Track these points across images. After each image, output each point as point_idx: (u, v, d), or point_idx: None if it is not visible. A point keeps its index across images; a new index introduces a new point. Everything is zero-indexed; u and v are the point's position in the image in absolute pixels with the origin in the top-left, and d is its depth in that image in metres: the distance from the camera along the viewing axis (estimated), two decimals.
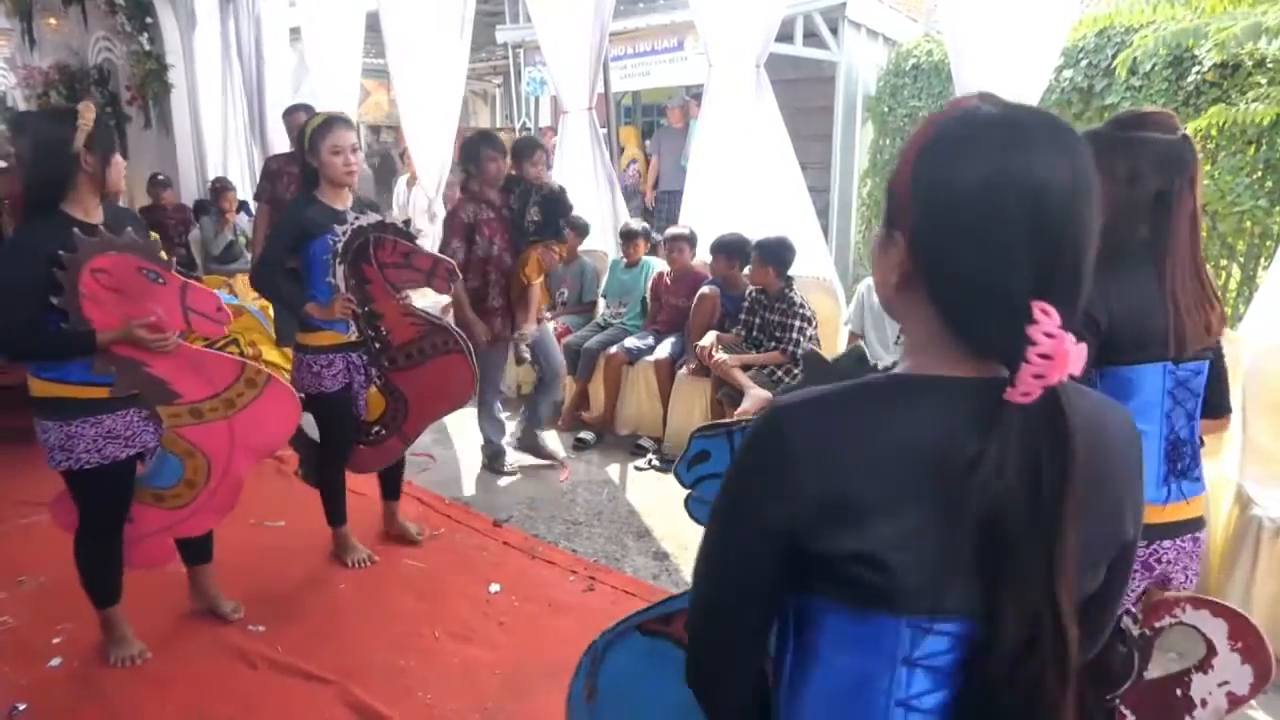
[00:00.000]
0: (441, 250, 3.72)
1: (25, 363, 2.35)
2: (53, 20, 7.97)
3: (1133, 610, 1.67)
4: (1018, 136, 0.74)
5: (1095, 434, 0.78)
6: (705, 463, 1.28)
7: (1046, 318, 0.70)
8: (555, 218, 3.92)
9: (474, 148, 3.86)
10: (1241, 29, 4.20)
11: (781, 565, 0.81)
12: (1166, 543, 1.70)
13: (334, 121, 2.91)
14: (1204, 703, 1.72)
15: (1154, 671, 1.74)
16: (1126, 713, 1.74)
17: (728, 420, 1.28)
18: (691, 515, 1.34)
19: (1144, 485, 0.89)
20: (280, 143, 6.73)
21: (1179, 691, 1.74)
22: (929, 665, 0.79)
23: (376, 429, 3.18)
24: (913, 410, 0.78)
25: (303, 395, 3.04)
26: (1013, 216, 0.72)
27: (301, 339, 3.02)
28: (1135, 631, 1.66)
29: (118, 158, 2.34)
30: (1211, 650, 1.71)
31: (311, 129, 2.91)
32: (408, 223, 3.01)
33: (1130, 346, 1.59)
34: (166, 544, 2.69)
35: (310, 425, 3.13)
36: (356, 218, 2.82)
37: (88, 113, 2.29)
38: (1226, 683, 1.73)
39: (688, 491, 1.32)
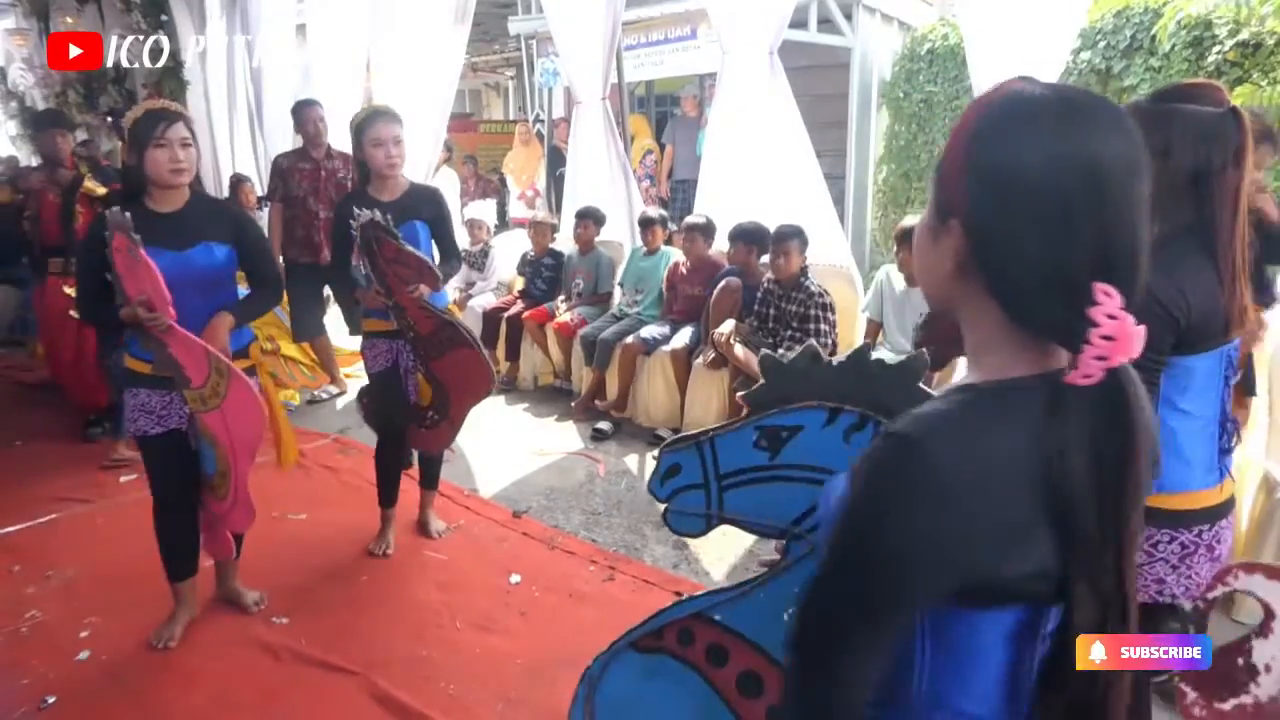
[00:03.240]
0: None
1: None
2: (69, 19, 8.01)
3: (1199, 603, 1.64)
4: (1073, 115, 0.73)
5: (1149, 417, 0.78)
6: (677, 476, 1.29)
7: (1109, 299, 0.69)
8: None
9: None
10: None
11: (928, 597, 0.76)
12: (1223, 522, 1.67)
13: (375, 115, 3.00)
14: (1268, 668, 1.68)
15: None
16: (1187, 689, 1.70)
17: (693, 432, 1.28)
18: (671, 528, 1.35)
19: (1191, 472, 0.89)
20: (282, 139, 6.74)
21: (1240, 660, 1.70)
22: (1047, 634, 0.80)
23: (430, 414, 3.23)
24: (1009, 420, 0.75)
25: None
26: (1074, 195, 0.71)
27: (363, 325, 3.22)
28: (1188, 607, 1.62)
29: (153, 152, 2.39)
30: (1270, 614, 1.66)
31: (356, 123, 3.03)
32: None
33: (1202, 338, 1.55)
34: (227, 535, 2.76)
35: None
36: (359, 214, 2.84)
37: (130, 113, 2.46)
38: None
39: (664, 506, 1.33)
